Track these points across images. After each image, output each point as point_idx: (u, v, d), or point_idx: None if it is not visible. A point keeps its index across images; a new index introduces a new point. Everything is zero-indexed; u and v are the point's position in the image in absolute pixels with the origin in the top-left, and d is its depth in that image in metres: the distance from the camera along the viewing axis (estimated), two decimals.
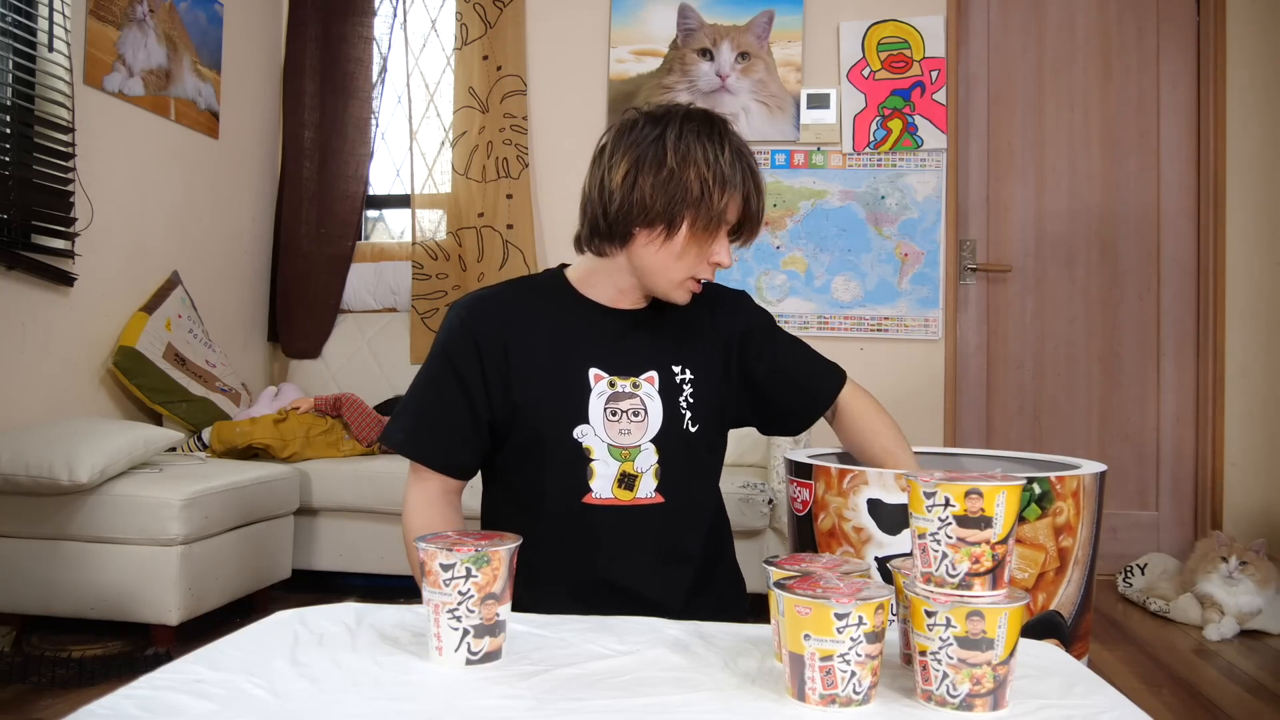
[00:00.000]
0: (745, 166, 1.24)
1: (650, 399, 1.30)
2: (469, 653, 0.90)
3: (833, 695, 0.79)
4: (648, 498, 1.29)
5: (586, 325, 1.32)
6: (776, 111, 3.52)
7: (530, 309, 1.32)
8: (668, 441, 1.30)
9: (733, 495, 2.64)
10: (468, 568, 0.89)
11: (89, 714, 0.75)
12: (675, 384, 1.32)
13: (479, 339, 1.28)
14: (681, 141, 1.22)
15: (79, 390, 2.80)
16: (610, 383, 1.29)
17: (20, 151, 2.56)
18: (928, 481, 0.82)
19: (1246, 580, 2.70)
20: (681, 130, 1.23)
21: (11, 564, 2.30)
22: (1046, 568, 1.19)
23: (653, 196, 1.21)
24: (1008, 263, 3.53)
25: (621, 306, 1.33)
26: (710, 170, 1.21)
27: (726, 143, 1.24)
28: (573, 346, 1.30)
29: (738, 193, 1.23)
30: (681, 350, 1.34)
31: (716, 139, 1.23)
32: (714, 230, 1.24)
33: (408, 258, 3.71)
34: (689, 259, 1.25)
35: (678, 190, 1.21)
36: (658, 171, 1.21)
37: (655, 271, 1.27)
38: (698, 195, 1.21)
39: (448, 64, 3.75)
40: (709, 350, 1.36)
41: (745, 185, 1.24)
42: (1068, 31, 3.53)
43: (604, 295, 1.33)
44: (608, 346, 1.30)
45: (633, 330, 1.33)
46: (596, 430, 1.27)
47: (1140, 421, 3.48)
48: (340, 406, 3.14)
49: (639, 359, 1.31)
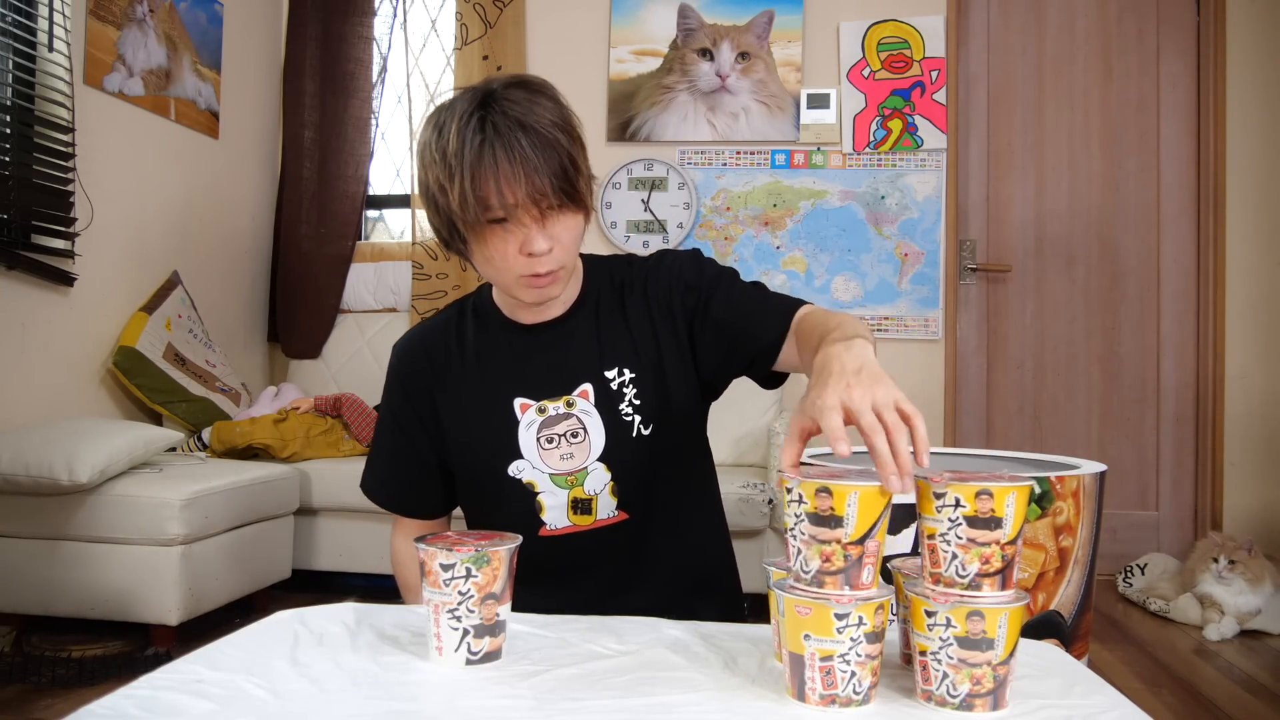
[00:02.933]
0: (482, 141, 1.01)
1: (588, 415, 1.18)
2: (469, 653, 0.90)
3: (833, 695, 0.79)
4: (609, 518, 1.19)
5: (508, 349, 1.20)
6: (776, 111, 3.52)
7: (455, 343, 1.23)
8: (618, 455, 1.18)
9: (732, 495, 2.64)
10: (468, 568, 0.89)
11: (89, 714, 0.75)
12: (613, 391, 1.18)
13: (407, 384, 1.24)
14: (420, 139, 1.08)
15: (79, 390, 2.80)
16: (540, 409, 1.18)
17: (20, 151, 2.56)
18: (938, 482, 0.82)
19: (1238, 579, 2.70)
20: (424, 126, 1.08)
21: (11, 564, 2.30)
22: (1046, 568, 1.19)
23: (429, 214, 1.09)
24: (1008, 263, 3.53)
25: (536, 320, 1.20)
26: (437, 163, 1.03)
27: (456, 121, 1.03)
28: (495, 377, 1.20)
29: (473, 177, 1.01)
30: (612, 351, 1.19)
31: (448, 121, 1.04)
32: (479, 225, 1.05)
33: (408, 258, 3.71)
34: (496, 260, 1.08)
35: (427, 197, 1.08)
36: (422, 189, 1.08)
37: (495, 281, 1.14)
38: (445, 200, 1.04)
39: (448, 64, 3.75)
40: (639, 339, 1.20)
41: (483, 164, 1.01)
42: (1068, 31, 3.53)
43: (514, 310, 1.21)
44: (531, 368, 1.19)
45: (556, 344, 1.20)
46: (534, 463, 1.18)
47: (1140, 421, 3.48)
48: (340, 406, 3.14)
49: (567, 375, 1.18)
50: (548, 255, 1.07)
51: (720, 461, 3.15)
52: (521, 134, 1.02)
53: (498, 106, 1.04)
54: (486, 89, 1.06)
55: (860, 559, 0.80)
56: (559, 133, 1.06)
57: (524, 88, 1.07)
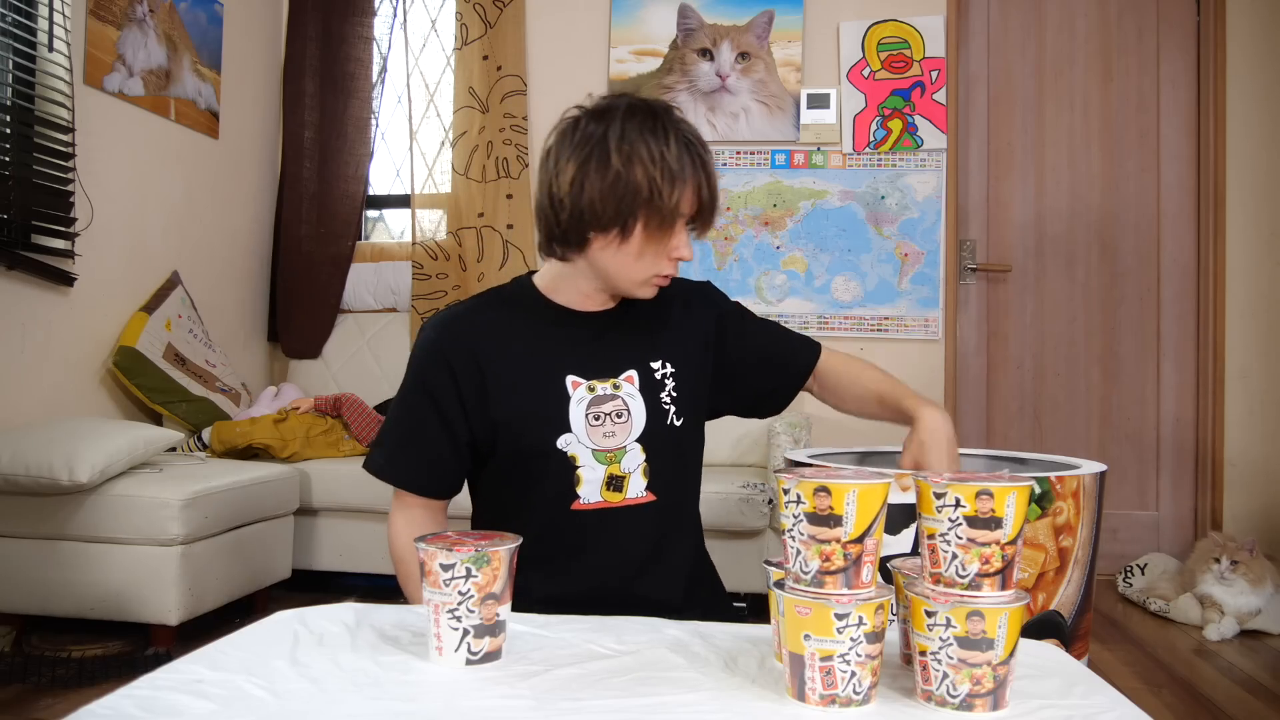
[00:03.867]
0: (694, 156, 1.19)
1: (632, 399, 1.28)
2: (469, 653, 0.90)
3: (833, 695, 0.79)
4: (638, 497, 1.28)
5: (559, 332, 1.29)
6: (776, 111, 3.52)
7: (502, 322, 1.30)
8: (654, 439, 1.28)
9: (732, 495, 2.64)
10: (468, 568, 0.89)
11: (89, 714, 0.75)
12: (656, 380, 1.30)
13: (452, 360, 1.26)
14: (625, 140, 1.17)
15: (79, 390, 2.80)
16: (590, 387, 1.26)
17: (20, 151, 2.56)
18: (938, 482, 0.82)
19: (1239, 580, 2.70)
20: (624, 127, 1.18)
21: (11, 564, 2.30)
22: (1046, 567, 1.19)
23: (602, 201, 1.17)
24: (1008, 263, 3.53)
25: (591, 309, 1.31)
26: (657, 166, 1.16)
27: (671, 134, 1.19)
28: (548, 355, 1.27)
29: (688, 185, 1.18)
30: (658, 345, 1.32)
31: (661, 131, 1.18)
32: (669, 226, 1.20)
33: (408, 258, 3.71)
34: (648, 258, 1.22)
35: (626, 191, 1.17)
36: (604, 174, 1.17)
37: (617, 273, 1.24)
38: (647, 194, 1.17)
39: (448, 64, 3.75)
40: (685, 342, 1.34)
41: (696, 176, 1.19)
42: (1068, 31, 3.53)
43: (572, 299, 1.30)
44: (583, 351, 1.28)
45: (606, 331, 1.30)
46: (580, 437, 1.25)
47: (1140, 421, 3.48)
48: (340, 406, 3.14)
49: (616, 359, 1.29)
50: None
51: (720, 461, 3.16)
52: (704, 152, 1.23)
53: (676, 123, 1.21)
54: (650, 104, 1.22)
55: (860, 558, 0.80)
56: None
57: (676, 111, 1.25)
